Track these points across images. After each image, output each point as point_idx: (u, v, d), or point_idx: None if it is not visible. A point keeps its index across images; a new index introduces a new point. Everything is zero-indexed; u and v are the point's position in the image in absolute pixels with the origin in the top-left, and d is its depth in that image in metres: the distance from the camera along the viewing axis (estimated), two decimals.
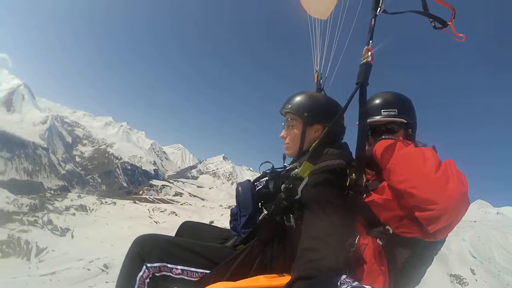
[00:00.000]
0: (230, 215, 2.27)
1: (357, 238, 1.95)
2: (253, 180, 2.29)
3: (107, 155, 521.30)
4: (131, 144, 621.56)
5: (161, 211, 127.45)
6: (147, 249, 1.95)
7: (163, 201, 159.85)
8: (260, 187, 2.20)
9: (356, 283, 1.56)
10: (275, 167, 2.24)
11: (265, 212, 2.01)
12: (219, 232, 2.52)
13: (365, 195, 1.98)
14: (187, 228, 2.59)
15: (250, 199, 2.07)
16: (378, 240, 1.96)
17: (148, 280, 1.89)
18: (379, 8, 2.16)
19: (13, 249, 77.35)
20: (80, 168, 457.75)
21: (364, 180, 1.96)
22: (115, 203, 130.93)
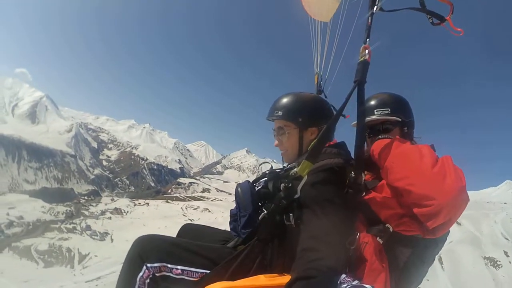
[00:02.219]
0: (230, 216, 2.27)
1: (357, 236, 1.98)
2: (253, 181, 2.30)
3: (133, 157, 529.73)
4: (155, 145, 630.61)
5: (194, 209, 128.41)
6: (147, 249, 1.96)
7: (194, 198, 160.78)
8: (259, 187, 2.20)
9: (356, 282, 1.56)
10: (274, 168, 2.30)
11: (265, 212, 2.00)
12: (220, 234, 2.53)
13: (364, 194, 1.98)
14: (188, 231, 2.58)
15: (249, 199, 2.09)
16: (378, 238, 1.98)
17: (148, 280, 1.89)
18: (375, 6, 2.20)
19: (56, 258, 77.75)
20: (108, 172, 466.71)
21: (363, 179, 1.96)
22: (148, 204, 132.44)
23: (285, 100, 2.24)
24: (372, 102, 2.58)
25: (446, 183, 1.61)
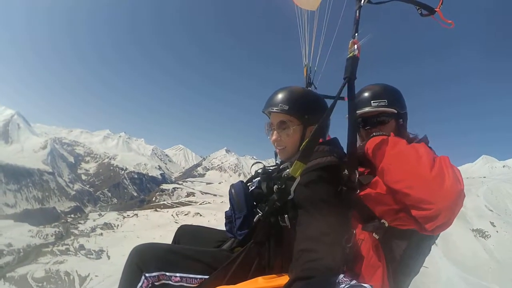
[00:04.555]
0: (225, 217, 2.25)
1: (354, 233, 1.95)
2: (246, 181, 2.27)
3: (112, 168, 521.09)
4: (133, 153, 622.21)
5: (185, 215, 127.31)
6: (145, 259, 1.94)
7: (182, 204, 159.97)
8: (253, 188, 2.18)
9: (354, 282, 1.53)
10: (266, 167, 2.29)
11: (260, 213, 1.99)
12: (216, 234, 2.52)
13: (359, 190, 1.96)
14: (184, 233, 2.58)
15: (243, 200, 2.06)
16: (374, 234, 1.99)
17: None
18: None
19: (55, 284, 75.74)
20: (88, 186, 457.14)
21: (357, 176, 1.90)
22: (137, 215, 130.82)
23: (291, 94, 2.16)
24: (367, 94, 2.57)
25: (445, 187, 1.59)
